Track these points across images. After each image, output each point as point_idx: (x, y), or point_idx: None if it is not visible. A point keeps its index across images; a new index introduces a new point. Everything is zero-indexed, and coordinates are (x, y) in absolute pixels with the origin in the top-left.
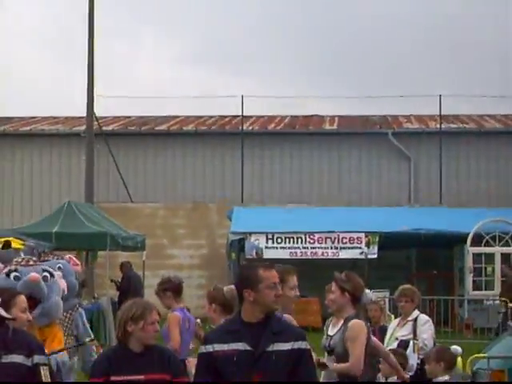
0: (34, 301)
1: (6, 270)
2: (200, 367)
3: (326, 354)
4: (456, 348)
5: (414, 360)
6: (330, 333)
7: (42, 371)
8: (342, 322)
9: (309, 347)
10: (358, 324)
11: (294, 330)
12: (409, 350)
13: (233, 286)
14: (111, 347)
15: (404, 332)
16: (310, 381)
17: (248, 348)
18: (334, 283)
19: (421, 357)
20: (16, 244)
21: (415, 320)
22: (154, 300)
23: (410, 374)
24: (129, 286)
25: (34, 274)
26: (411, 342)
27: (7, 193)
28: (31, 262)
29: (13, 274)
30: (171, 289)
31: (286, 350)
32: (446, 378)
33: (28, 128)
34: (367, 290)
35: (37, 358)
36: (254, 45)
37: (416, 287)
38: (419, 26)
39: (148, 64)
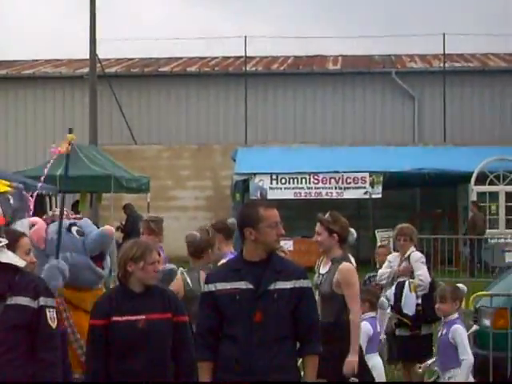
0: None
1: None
2: (203, 306)
3: (317, 292)
4: (463, 286)
5: (411, 299)
6: (322, 271)
7: (47, 313)
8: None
9: (310, 285)
10: (348, 268)
11: (296, 269)
12: (405, 291)
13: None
14: (112, 288)
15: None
16: (311, 318)
17: (250, 286)
18: (319, 224)
19: (420, 293)
20: (2, 187)
21: (408, 258)
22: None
23: (410, 314)
24: (133, 228)
25: (108, 227)
26: (406, 282)
27: (11, 136)
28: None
29: (75, 229)
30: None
31: (288, 288)
32: (455, 315)
33: (31, 71)
34: (352, 230)
35: (43, 301)
36: None
37: (420, 226)
38: None
39: (151, 5)
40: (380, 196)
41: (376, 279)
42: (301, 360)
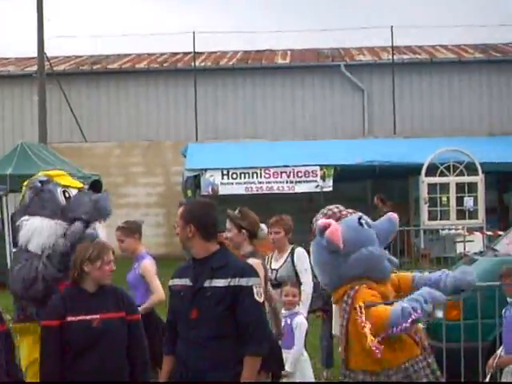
0: None
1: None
2: (169, 299)
3: (270, 286)
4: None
5: None
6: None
7: None
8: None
9: (250, 284)
10: (254, 263)
11: (235, 266)
12: None
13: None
14: (65, 289)
15: None
16: (247, 318)
17: (190, 283)
18: (228, 221)
19: None
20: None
21: None
22: (110, 239)
23: None
24: None
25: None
26: None
27: None
28: None
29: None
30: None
31: (222, 286)
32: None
33: None
34: (262, 225)
35: None
36: None
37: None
38: None
39: (99, 1)
40: (331, 189)
41: None
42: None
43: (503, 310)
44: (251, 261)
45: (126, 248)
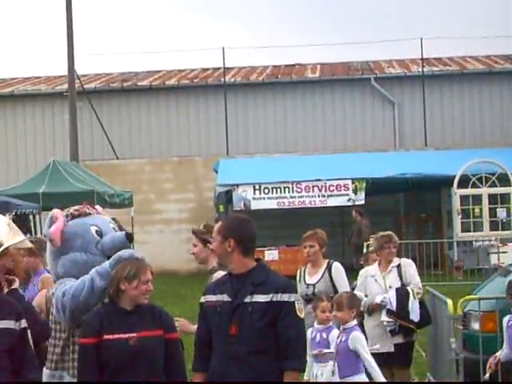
0: None
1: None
2: (198, 318)
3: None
4: (360, 294)
5: (417, 307)
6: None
7: (29, 335)
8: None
9: (292, 300)
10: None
11: (276, 282)
12: (411, 298)
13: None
14: (101, 305)
15: (392, 279)
16: (289, 334)
17: (229, 299)
18: (193, 236)
19: (418, 300)
20: None
21: (399, 266)
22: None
23: (417, 320)
24: None
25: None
26: (409, 290)
27: None
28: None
29: (94, 229)
30: None
31: (264, 302)
32: (353, 322)
33: (10, 89)
34: None
35: (24, 323)
36: None
37: (405, 231)
38: None
39: (130, 17)
40: (363, 202)
41: None
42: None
43: (507, 320)
44: (219, 274)
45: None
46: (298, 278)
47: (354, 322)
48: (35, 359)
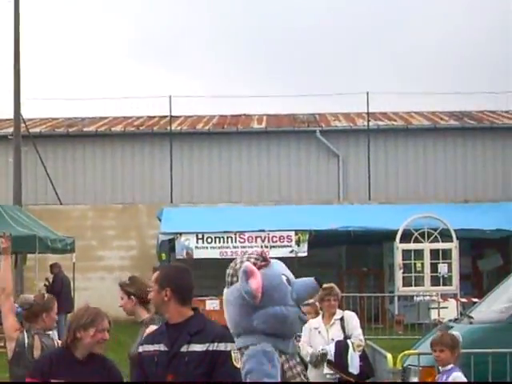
0: None
1: None
2: (135, 366)
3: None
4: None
5: (356, 359)
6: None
7: None
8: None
9: (228, 349)
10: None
11: (213, 331)
12: (350, 351)
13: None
14: (55, 350)
15: (335, 332)
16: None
17: (165, 349)
18: (119, 289)
19: (359, 353)
20: None
21: (342, 318)
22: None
23: (356, 372)
24: (61, 288)
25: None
26: (349, 342)
27: None
28: None
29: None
30: None
31: (201, 351)
32: (451, 365)
33: None
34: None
35: None
36: (185, 41)
37: (346, 284)
38: (346, 24)
39: (79, 63)
40: (306, 254)
41: (301, 339)
42: None
43: (439, 377)
44: (152, 328)
45: None
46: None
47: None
48: None
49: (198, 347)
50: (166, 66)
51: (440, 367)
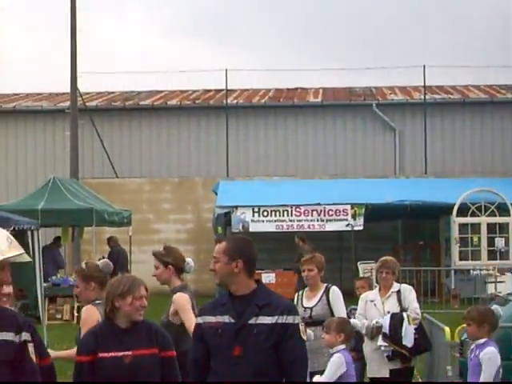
0: None
1: None
2: (193, 338)
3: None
4: (354, 321)
5: (411, 332)
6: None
7: (29, 348)
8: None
9: (296, 321)
10: (180, 297)
11: (281, 304)
12: (405, 323)
13: (106, 261)
14: (98, 324)
15: (391, 304)
16: (294, 355)
17: (231, 320)
18: (154, 258)
19: (415, 326)
20: None
21: (398, 291)
22: (141, 275)
23: (410, 345)
24: (117, 261)
25: None
26: (405, 315)
27: None
28: None
29: None
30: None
31: (270, 323)
32: (341, 346)
33: (12, 105)
34: (188, 259)
35: (25, 335)
36: (239, 16)
37: (402, 258)
38: None
39: (133, 37)
40: (362, 228)
41: (357, 312)
42: None
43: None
44: (179, 294)
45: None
46: (295, 302)
47: (341, 346)
48: (36, 372)
49: (267, 319)
50: (220, 39)
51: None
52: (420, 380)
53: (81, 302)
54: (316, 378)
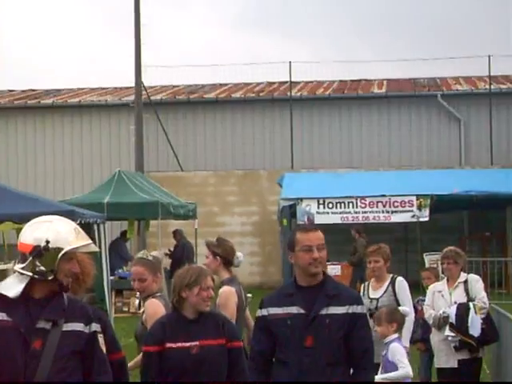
0: None
1: None
2: (256, 330)
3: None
4: (404, 309)
5: (477, 322)
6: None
7: (99, 339)
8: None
9: (365, 312)
10: (224, 292)
11: (351, 294)
12: (471, 313)
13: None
14: (165, 314)
15: (458, 295)
16: (364, 345)
17: (301, 311)
18: (206, 248)
19: (482, 316)
20: None
21: (465, 282)
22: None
23: (477, 335)
24: (182, 254)
25: None
26: (471, 305)
27: (58, 164)
28: None
29: None
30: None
31: (341, 313)
32: (393, 336)
33: (77, 99)
34: (239, 254)
35: (94, 326)
36: (303, 8)
37: (469, 249)
38: None
39: (197, 30)
40: (427, 219)
41: (424, 303)
42: None
43: None
44: (226, 288)
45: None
46: (361, 293)
47: (395, 335)
48: (106, 363)
49: (338, 309)
50: (284, 32)
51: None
52: (487, 372)
53: (142, 295)
54: (394, 374)
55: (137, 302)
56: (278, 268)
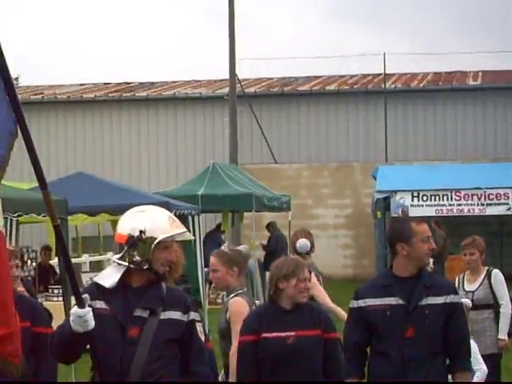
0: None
1: None
2: (351, 322)
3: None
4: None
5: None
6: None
7: (197, 327)
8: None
9: (461, 301)
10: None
11: (447, 284)
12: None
13: (246, 246)
14: (262, 304)
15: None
16: (462, 334)
17: (401, 302)
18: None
19: None
20: None
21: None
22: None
23: None
24: (276, 246)
25: None
26: None
27: (153, 157)
28: None
29: None
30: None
31: (440, 303)
32: None
33: (171, 92)
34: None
35: (192, 315)
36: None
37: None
38: None
39: (290, 22)
40: None
41: None
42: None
43: None
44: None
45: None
46: (456, 285)
47: None
48: (204, 351)
49: (437, 300)
50: (378, 23)
51: None
52: None
53: (218, 287)
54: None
55: None
56: (372, 261)
